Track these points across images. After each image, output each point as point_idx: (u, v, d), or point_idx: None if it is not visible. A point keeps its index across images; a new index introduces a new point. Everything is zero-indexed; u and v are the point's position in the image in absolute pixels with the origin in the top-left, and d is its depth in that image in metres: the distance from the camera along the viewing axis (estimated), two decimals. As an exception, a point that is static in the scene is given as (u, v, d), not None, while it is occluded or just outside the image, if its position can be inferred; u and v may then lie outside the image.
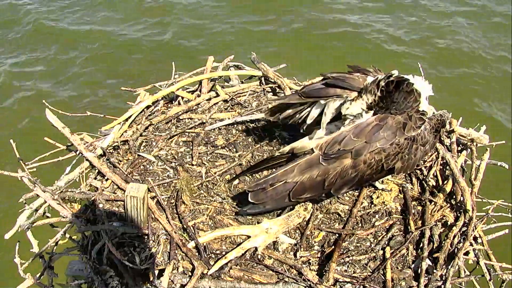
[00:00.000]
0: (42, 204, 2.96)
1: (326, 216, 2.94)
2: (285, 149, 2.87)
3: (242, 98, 3.93)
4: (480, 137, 3.34)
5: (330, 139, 2.62)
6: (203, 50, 8.65)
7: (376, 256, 2.69)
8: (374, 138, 2.60)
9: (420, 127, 2.70)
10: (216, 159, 3.32)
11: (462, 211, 2.87)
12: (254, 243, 2.66)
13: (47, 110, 3.35)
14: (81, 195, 3.00)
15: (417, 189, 3.11)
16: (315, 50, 8.90)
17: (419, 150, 2.73)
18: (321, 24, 9.77)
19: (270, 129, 3.56)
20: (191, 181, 3.09)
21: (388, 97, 2.68)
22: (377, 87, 2.68)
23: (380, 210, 2.95)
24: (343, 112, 2.79)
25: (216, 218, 2.87)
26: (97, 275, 2.71)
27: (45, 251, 2.96)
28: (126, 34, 9.75)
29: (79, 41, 9.52)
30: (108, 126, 3.54)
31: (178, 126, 3.63)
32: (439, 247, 2.70)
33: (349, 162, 2.61)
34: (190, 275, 2.54)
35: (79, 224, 2.85)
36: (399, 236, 2.80)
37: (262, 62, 4.11)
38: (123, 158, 3.31)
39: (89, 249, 2.83)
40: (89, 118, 3.86)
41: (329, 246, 2.72)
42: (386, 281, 2.54)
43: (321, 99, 2.86)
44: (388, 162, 2.65)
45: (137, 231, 2.72)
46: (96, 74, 8.71)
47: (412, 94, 2.69)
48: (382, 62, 8.41)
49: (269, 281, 2.53)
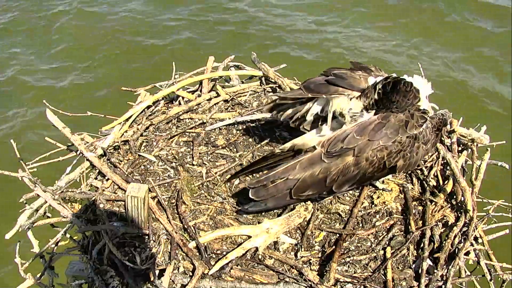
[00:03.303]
0: (42, 204, 2.96)
1: (326, 216, 2.94)
2: (286, 145, 2.85)
3: (242, 98, 3.93)
4: (481, 137, 3.34)
5: (332, 137, 2.62)
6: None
7: (376, 256, 2.69)
8: (376, 136, 2.60)
9: (422, 125, 2.71)
10: (216, 159, 3.32)
11: (463, 211, 2.87)
12: (255, 243, 2.66)
13: (48, 110, 3.35)
14: (81, 195, 3.00)
15: (418, 189, 3.11)
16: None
17: (421, 149, 2.74)
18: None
19: (271, 129, 3.56)
20: (191, 181, 3.09)
21: (386, 98, 2.69)
22: (374, 90, 2.71)
23: (380, 210, 2.95)
24: (345, 110, 2.78)
25: (216, 218, 2.87)
26: (98, 275, 2.71)
27: (45, 251, 2.96)
28: (126, 34, 9.75)
29: (79, 41, 9.53)
30: (109, 126, 3.54)
31: (178, 126, 3.63)
32: (440, 247, 2.70)
33: (351, 159, 2.61)
34: (190, 275, 2.54)
35: (79, 224, 2.84)
36: (400, 236, 2.80)
37: (262, 62, 4.11)
38: (124, 158, 3.31)
39: (89, 249, 2.83)
40: (89, 118, 3.86)
41: (329, 246, 2.72)
42: (386, 281, 2.54)
43: (323, 95, 2.85)
44: (390, 160, 2.66)
45: (137, 231, 2.72)
46: (97, 74, 8.71)
47: (410, 92, 2.70)
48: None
49: (269, 281, 2.53)
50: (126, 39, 9.57)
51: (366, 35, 9.64)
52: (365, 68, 2.92)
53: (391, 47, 9.25)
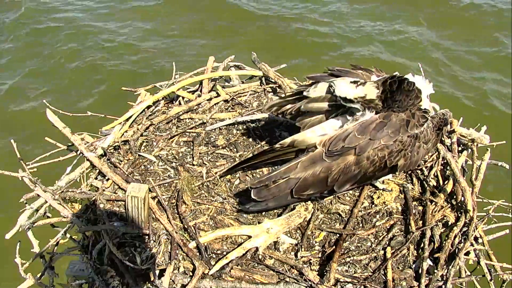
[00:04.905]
0: (42, 204, 2.95)
1: (327, 216, 2.94)
2: (286, 141, 2.83)
3: (242, 98, 3.93)
4: (481, 137, 3.34)
5: (333, 136, 2.63)
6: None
7: (377, 256, 2.69)
8: (377, 135, 2.61)
9: (423, 125, 2.72)
10: (216, 159, 3.32)
11: (463, 211, 2.87)
12: (255, 243, 2.66)
13: (48, 110, 3.35)
14: (81, 195, 3.00)
15: (418, 189, 3.11)
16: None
17: (421, 148, 2.75)
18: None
19: (271, 129, 3.56)
20: (192, 181, 3.09)
21: (391, 97, 2.69)
22: (383, 86, 2.70)
23: (381, 210, 2.96)
24: (350, 92, 2.70)
25: (217, 218, 2.87)
26: (98, 275, 2.71)
27: (45, 251, 2.96)
28: (126, 33, 9.75)
29: (79, 41, 9.52)
30: (109, 126, 3.54)
31: (178, 126, 3.63)
32: (440, 247, 2.70)
33: (352, 158, 2.62)
34: (191, 275, 2.54)
35: (79, 224, 2.84)
36: (400, 236, 2.80)
37: (262, 62, 4.11)
38: (124, 158, 3.31)
39: (90, 249, 2.83)
40: (89, 118, 3.86)
41: (330, 246, 2.72)
42: (387, 281, 2.55)
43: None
44: (391, 159, 2.66)
45: (138, 231, 2.72)
46: (97, 73, 8.70)
47: (412, 92, 2.72)
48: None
49: (270, 281, 2.53)
50: (127, 39, 9.58)
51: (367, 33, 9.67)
52: (366, 69, 2.94)
53: (391, 48, 9.27)
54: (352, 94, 2.68)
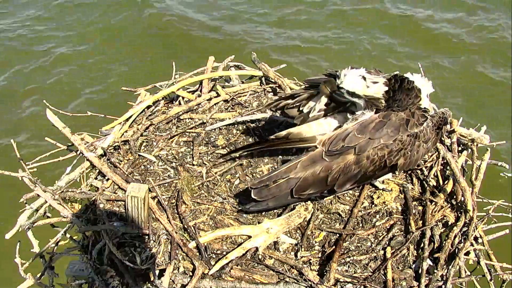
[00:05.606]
0: (42, 204, 2.96)
1: (326, 216, 2.94)
2: (281, 133, 2.84)
3: (242, 98, 3.93)
4: (481, 137, 3.35)
5: (333, 136, 2.63)
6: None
7: (376, 256, 2.69)
8: (377, 134, 2.61)
9: (422, 124, 2.72)
10: (216, 159, 3.32)
11: (463, 211, 2.87)
12: (255, 243, 2.66)
13: (48, 110, 3.35)
14: (81, 195, 3.00)
15: (418, 189, 3.11)
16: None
17: (421, 147, 2.75)
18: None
19: (271, 129, 3.55)
20: (191, 181, 3.09)
21: (392, 96, 2.70)
22: (389, 85, 2.71)
23: (380, 210, 2.95)
24: (360, 88, 2.70)
25: (216, 218, 2.87)
26: (98, 275, 2.71)
27: (45, 251, 2.96)
28: (126, 33, 9.74)
29: (79, 40, 9.53)
30: (109, 126, 3.54)
31: (178, 126, 3.63)
32: (440, 247, 2.70)
33: (352, 158, 2.62)
34: (191, 275, 2.54)
35: (79, 224, 2.84)
36: (400, 236, 2.80)
37: (262, 62, 4.11)
38: (124, 158, 3.31)
39: (89, 249, 2.83)
40: (89, 118, 3.86)
41: (329, 246, 2.72)
42: (387, 281, 2.54)
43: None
44: (391, 158, 2.67)
45: (137, 231, 2.72)
46: (96, 73, 8.70)
47: (412, 91, 2.73)
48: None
49: (270, 281, 2.53)
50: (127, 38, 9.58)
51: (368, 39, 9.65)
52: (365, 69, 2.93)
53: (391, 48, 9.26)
54: (362, 90, 2.68)
